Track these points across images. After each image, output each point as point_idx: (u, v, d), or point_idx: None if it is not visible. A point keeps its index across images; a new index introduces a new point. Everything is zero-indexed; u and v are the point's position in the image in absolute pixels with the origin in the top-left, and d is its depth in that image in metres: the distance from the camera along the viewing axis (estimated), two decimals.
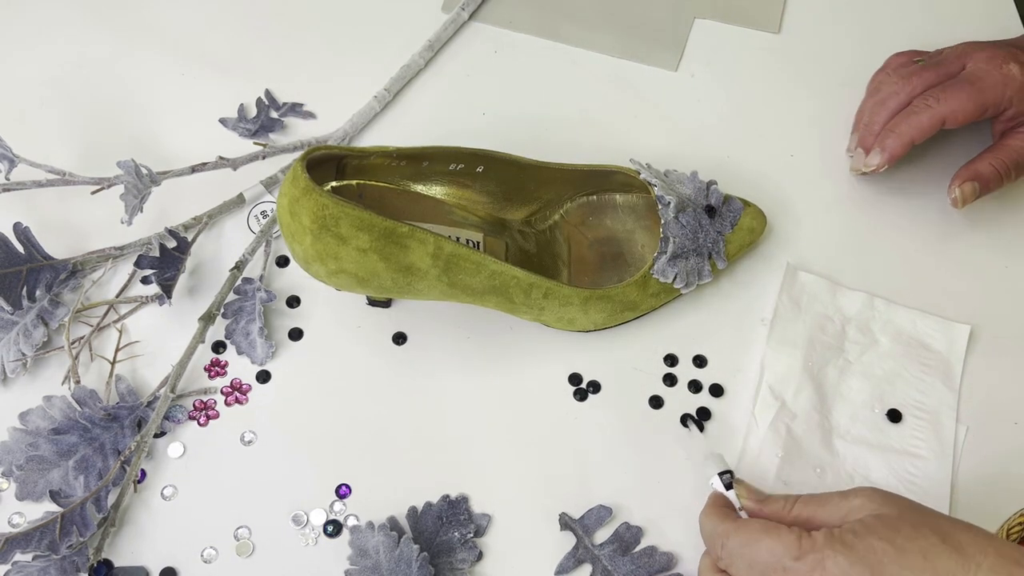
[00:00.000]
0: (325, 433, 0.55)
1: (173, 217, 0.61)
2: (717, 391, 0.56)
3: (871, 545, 0.41)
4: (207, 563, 0.51)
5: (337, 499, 0.53)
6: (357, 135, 0.66)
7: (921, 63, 0.61)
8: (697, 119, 0.67)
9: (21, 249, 0.56)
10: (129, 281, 0.59)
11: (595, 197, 0.60)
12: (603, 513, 0.52)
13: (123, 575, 0.50)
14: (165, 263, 0.57)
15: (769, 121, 0.67)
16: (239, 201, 0.62)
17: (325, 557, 0.51)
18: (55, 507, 0.50)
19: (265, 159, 0.63)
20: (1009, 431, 0.55)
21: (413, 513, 0.52)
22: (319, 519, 0.52)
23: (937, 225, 0.62)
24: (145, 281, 0.58)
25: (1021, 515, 0.47)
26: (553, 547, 0.51)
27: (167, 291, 0.56)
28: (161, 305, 0.56)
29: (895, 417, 0.55)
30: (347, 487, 0.53)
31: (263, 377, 0.56)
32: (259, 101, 0.66)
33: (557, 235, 0.60)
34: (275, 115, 0.66)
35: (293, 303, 0.59)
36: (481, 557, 0.51)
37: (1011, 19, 0.71)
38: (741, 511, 0.48)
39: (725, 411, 0.56)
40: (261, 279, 0.59)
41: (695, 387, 0.56)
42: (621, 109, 0.68)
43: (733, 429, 0.55)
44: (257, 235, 0.60)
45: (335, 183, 0.53)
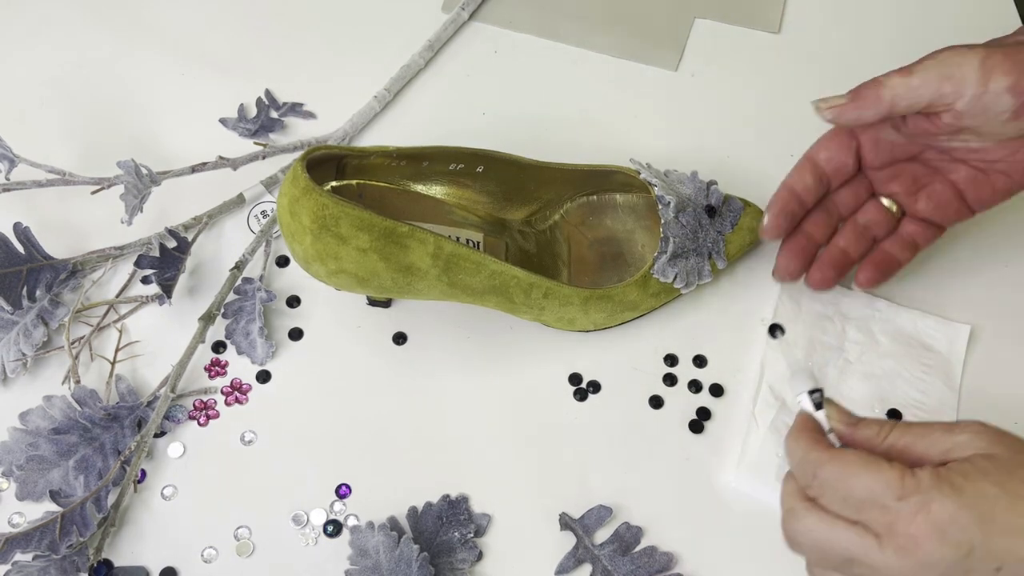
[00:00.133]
0: (325, 433, 0.55)
1: (173, 217, 0.61)
2: (717, 391, 0.56)
3: (982, 490, 0.37)
4: (207, 563, 0.51)
5: (337, 499, 0.53)
6: (357, 135, 0.66)
7: None
8: (697, 119, 0.67)
9: (21, 249, 0.56)
10: (129, 281, 0.59)
11: (595, 197, 0.60)
12: (603, 513, 0.52)
13: (123, 575, 0.50)
14: (165, 263, 0.57)
15: (769, 121, 0.67)
16: (239, 201, 0.62)
17: (325, 557, 0.51)
18: (55, 507, 0.50)
19: (265, 159, 0.63)
20: (1009, 431, 0.55)
21: (413, 513, 0.52)
22: (319, 519, 0.52)
23: None
24: (145, 281, 0.58)
25: None
26: (553, 547, 0.51)
27: (167, 291, 0.56)
28: (161, 305, 0.56)
29: (895, 417, 0.55)
30: (347, 487, 0.53)
31: (263, 377, 0.56)
32: (259, 101, 0.66)
33: (557, 235, 0.60)
34: (275, 115, 0.66)
35: (293, 303, 0.59)
36: (481, 557, 0.51)
37: (1011, 19, 0.71)
38: (830, 433, 0.43)
39: (725, 411, 0.56)
40: (261, 279, 0.59)
41: (695, 387, 0.56)
42: (621, 109, 0.67)
43: (733, 429, 0.55)
44: (257, 235, 0.60)
45: (335, 183, 0.53)
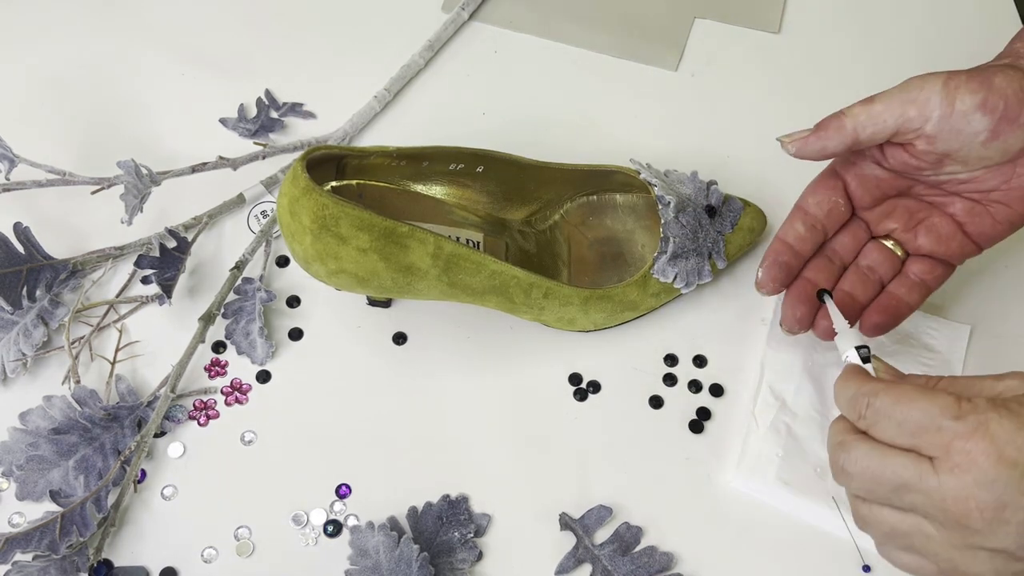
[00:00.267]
0: (325, 433, 0.55)
1: (173, 217, 0.61)
2: (717, 391, 0.56)
3: None
4: (207, 563, 0.51)
5: (337, 499, 0.53)
6: (357, 135, 0.66)
7: None
8: (697, 119, 0.67)
9: (21, 249, 0.56)
10: (129, 281, 0.59)
11: (595, 197, 0.60)
12: (603, 513, 0.52)
13: (123, 575, 0.50)
14: (165, 263, 0.57)
15: (769, 121, 0.67)
16: (239, 201, 0.62)
17: (325, 557, 0.51)
18: (55, 507, 0.50)
19: (265, 159, 0.63)
20: None
21: (413, 513, 0.52)
22: (319, 519, 0.52)
23: None
24: (145, 281, 0.58)
25: None
26: (553, 547, 0.51)
27: (167, 291, 0.56)
28: (161, 305, 0.56)
29: None
30: (347, 487, 0.53)
31: (263, 377, 0.56)
32: (259, 101, 0.66)
33: (557, 235, 0.60)
34: (275, 115, 0.66)
35: (293, 303, 0.59)
36: (481, 557, 0.51)
37: (1011, 19, 0.71)
38: None
39: (725, 411, 0.56)
40: (261, 279, 0.59)
41: (695, 387, 0.56)
42: (621, 109, 0.67)
43: (733, 429, 0.55)
44: (257, 235, 0.60)
45: (335, 183, 0.53)
